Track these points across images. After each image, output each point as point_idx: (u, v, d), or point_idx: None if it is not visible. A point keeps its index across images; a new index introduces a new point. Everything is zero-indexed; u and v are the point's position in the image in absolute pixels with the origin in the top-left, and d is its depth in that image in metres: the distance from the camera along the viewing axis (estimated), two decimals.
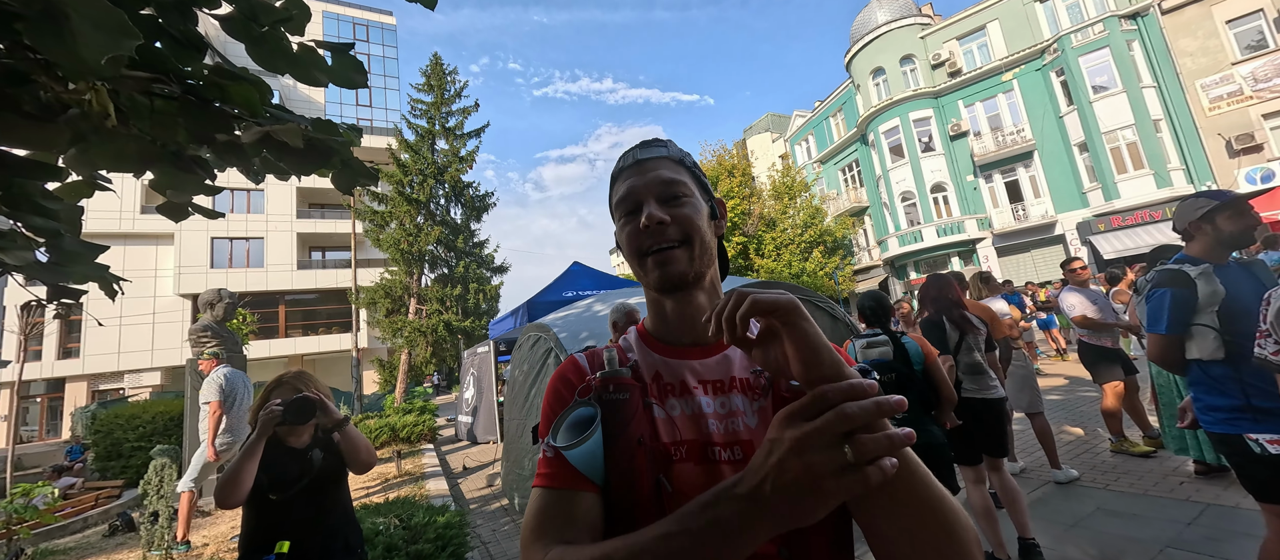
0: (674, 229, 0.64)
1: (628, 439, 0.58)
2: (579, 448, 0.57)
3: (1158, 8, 16.02)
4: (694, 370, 0.64)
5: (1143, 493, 3.26)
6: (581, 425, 0.59)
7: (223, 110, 1.00)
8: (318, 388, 1.88)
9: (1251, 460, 1.71)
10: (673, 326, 0.67)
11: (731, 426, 0.60)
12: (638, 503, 0.56)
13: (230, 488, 1.55)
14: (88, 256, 1.29)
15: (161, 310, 21.16)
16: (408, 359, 15.21)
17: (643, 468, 0.57)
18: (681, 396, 0.63)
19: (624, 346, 0.70)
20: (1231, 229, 1.88)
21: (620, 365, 0.64)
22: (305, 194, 24.49)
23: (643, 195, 0.66)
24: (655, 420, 0.61)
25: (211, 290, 7.15)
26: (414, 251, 15.18)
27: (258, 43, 1.35)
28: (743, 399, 0.62)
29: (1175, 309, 1.88)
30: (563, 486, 0.59)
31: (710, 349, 0.66)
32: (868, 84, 21.30)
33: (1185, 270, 1.90)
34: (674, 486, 0.57)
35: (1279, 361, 1.45)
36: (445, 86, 16.94)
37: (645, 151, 0.70)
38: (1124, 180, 15.95)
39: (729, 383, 0.63)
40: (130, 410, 7.94)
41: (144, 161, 1.06)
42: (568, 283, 8.39)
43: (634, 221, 0.65)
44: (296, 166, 1.13)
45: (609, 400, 0.60)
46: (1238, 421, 1.74)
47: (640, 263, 0.65)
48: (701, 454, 0.59)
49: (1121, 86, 16.04)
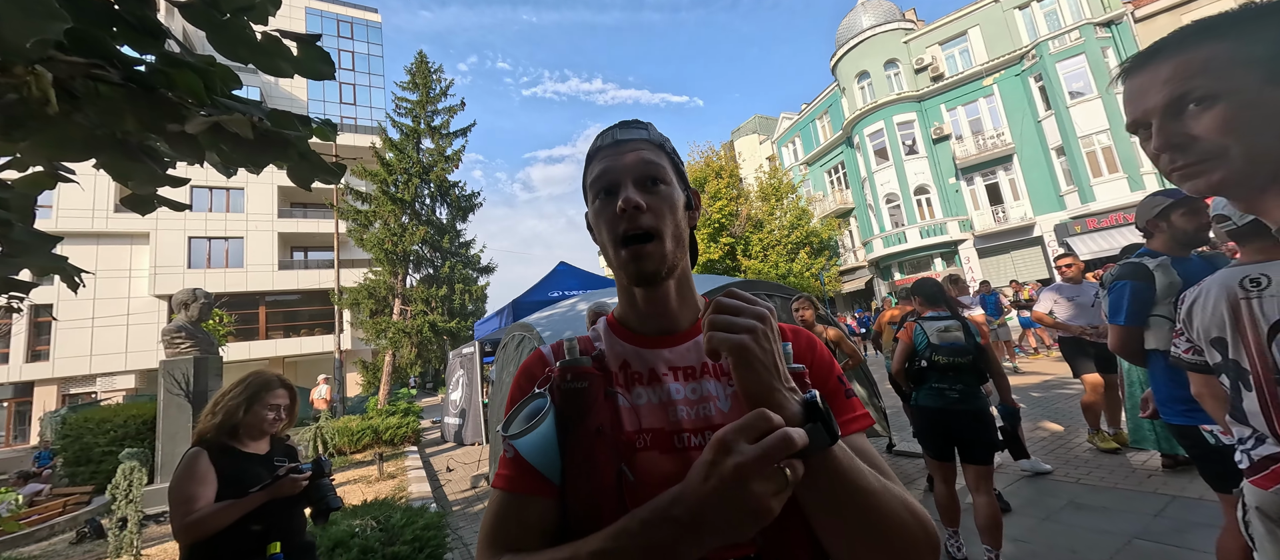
0: (649, 216, 0.62)
1: (585, 429, 0.58)
2: (528, 437, 0.56)
3: (1131, 16, 16.48)
4: (664, 358, 0.64)
5: (1112, 486, 3.34)
6: (533, 416, 0.58)
7: (168, 98, 0.97)
8: (295, 388, 1.86)
9: (1207, 451, 1.76)
10: (643, 315, 0.67)
11: (703, 412, 0.60)
12: (598, 493, 0.55)
13: (205, 528, 1.50)
14: (41, 247, 1.24)
15: (136, 311, 20.58)
16: (392, 360, 15.00)
17: (601, 458, 0.56)
18: (650, 385, 0.62)
19: (592, 337, 0.70)
20: (1185, 226, 1.93)
21: (583, 354, 0.64)
22: (287, 193, 24.05)
23: (620, 177, 0.63)
24: (619, 409, 0.60)
25: (186, 290, 6.99)
26: (399, 251, 14.98)
27: (219, 30, 1.32)
28: (716, 384, 0.62)
29: (1133, 300, 1.94)
30: (518, 491, 0.59)
31: (680, 336, 0.66)
32: (853, 87, 21.58)
33: (1144, 263, 1.96)
34: (637, 476, 0.56)
35: (1190, 360, 1.47)
36: (431, 85, 16.76)
37: (625, 132, 0.67)
38: (1099, 183, 16.37)
39: (701, 369, 0.63)
40: (101, 414, 7.71)
41: (88, 149, 1.02)
42: (554, 283, 8.35)
43: (610, 204, 0.63)
44: (248, 158, 1.10)
45: (567, 390, 0.59)
46: (1195, 413, 1.79)
47: (615, 250, 0.63)
48: (668, 442, 0.59)
49: (1097, 92, 16.46)
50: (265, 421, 1.73)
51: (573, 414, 0.58)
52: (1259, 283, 1.26)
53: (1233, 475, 1.73)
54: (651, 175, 0.63)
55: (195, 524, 1.49)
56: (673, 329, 0.66)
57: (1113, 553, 2.56)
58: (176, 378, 6.25)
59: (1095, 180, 16.43)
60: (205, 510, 1.50)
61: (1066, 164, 17.27)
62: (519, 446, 0.57)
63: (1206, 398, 1.51)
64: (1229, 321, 1.29)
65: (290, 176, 1.20)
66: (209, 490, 1.56)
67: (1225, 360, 1.31)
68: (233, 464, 1.63)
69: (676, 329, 0.66)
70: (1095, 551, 2.59)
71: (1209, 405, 1.51)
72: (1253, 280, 1.27)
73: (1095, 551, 2.59)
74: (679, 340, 0.65)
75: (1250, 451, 1.25)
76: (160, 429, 6.16)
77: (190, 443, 1.69)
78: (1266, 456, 1.20)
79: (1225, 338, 1.30)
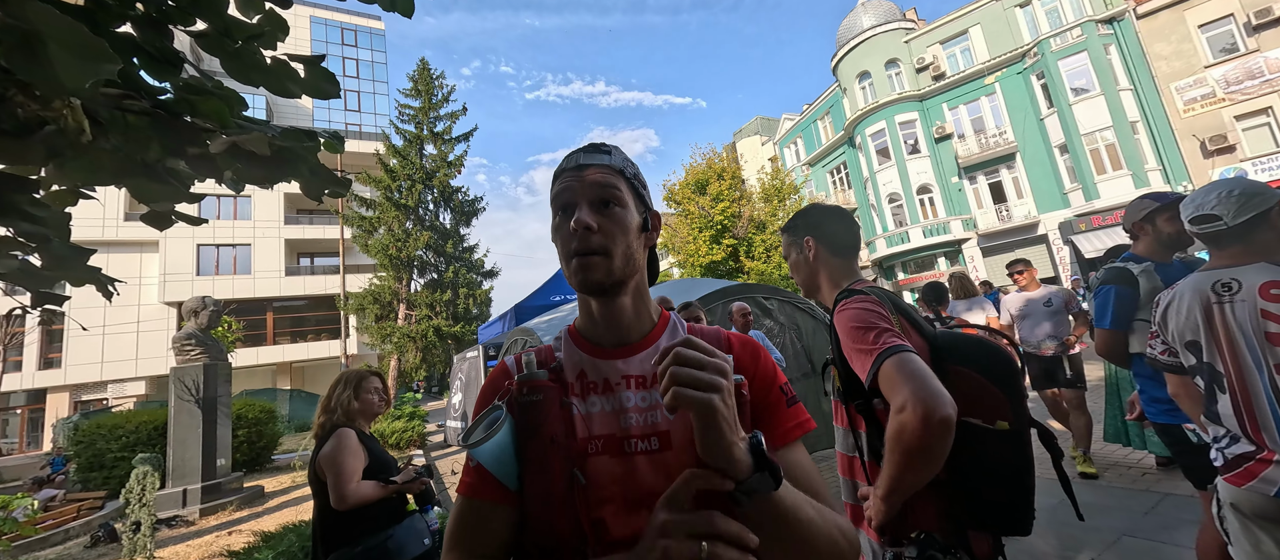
0: (598, 237, 0.65)
1: (540, 440, 0.62)
2: (485, 446, 0.62)
3: (1133, 12, 16.42)
4: (617, 368, 0.68)
5: (1106, 485, 3.37)
6: (490, 426, 0.63)
7: (193, 124, 1.05)
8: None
9: (1189, 449, 1.80)
10: (599, 327, 0.71)
11: (651, 419, 0.65)
12: (552, 497, 0.60)
13: (360, 501, 1.84)
14: (78, 260, 1.33)
15: (146, 318, 20.86)
16: (397, 365, 15.13)
17: (555, 464, 0.61)
18: (604, 393, 0.67)
19: (553, 347, 0.75)
20: (1169, 230, 1.97)
21: (542, 366, 0.69)
22: (293, 200, 24.31)
23: (577, 197, 0.67)
24: (573, 418, 0.65)
25: (195, 298, 7.13)
26: (403, 257, 15.12)
27: (232, 58, 1.41)
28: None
29: (1119, 305, 1.97)
30: (478, 497, 0.65)
31: (635, 347, 0.70)
32: (854, 87, 21.59)
33: (1129, 268, 1.99)
34: (588, 479, 0.61)
35: (1166, 361, 1.52)
36: (433, 91, 16.93)
37: (588, 157, 0.71)
38: (1103, 181, 16.30)
39: (653, 378, 0.66)
40: (113, 420, 7.85)
41: (119, 175, 1.11)
42: (556, 287, 8.44)
43: (566, 221, 0.67)
44: (265, 175, 1.18)
45: (524, 403, 0.63)
46: (1177, 412, 1.83)
47: (566, 263, 0.68)
48: (618, 446, 0.63)
49: (1099, 89, 16.41)
50: (372, 406, 2.08)
51: (529, 425, 0.63)
52: (1230, 287, 1.31)
53: (1201, 473, 1.79)
54: (605, 198, 0.67)
55: (354, 497, 1.81)
56: (627, 340, 0.70)
57: (1103, 549, 2.60)
58: (187, 384, 6.38)
59: (1099, 177, 16.36)
60: (364, 490, 1.84)
61: (1070, 161, 17.21)
62: (476, 455, 0.63)
63: (1182, 398, 1.55)
64: (1203, 325, 1.34)
65: (303, 190, 1.28)
66: (360, 462, 1.89)
67: (1200, 363, 1.37)
68: (365, 441, 1.99)
69: (631, 340, 0.70)
70: (1086, 548, 2.64)
71: (1185, 405, 1.56)
72: (1224, 285, 1.33)
73: (1086, 548, 2.64)
74: (634, 350, 0.70)
75: (1225, 450, 1.31)
76: (171, 435, 6.28)
77: (321, 432, 2.03)
78: (1239, 455, 1.26)
79: (1200, 341, 1.35)
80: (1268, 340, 1.22)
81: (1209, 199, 1.36)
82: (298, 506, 6.11)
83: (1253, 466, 1.21)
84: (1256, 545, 1.22)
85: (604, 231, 0.66)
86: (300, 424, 14.37)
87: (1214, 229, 1.36)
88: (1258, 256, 1.30)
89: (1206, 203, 1.36)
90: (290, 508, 6.09)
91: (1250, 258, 1.31)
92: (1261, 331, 1.23)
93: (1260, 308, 1.24)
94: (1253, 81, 14.69)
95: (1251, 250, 1.31)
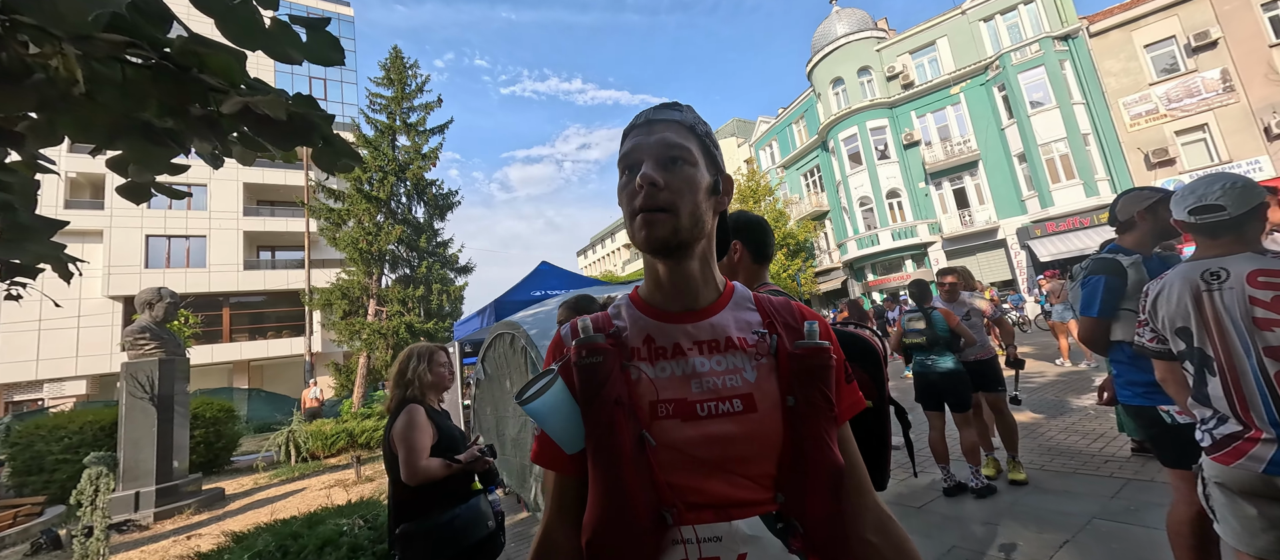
0: (665, 194, 0.64)
1: (604, 399, 0.61)
2: (536, 403, 0.61)
3: (1086, 31, 17.40)
4: (687, 333, 0.67)
5: (1072, 472, 3.56)
6: (540, 383, 0.63)
7: (200, 80, 0.97)
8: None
9: (1163, 430, 1.91)
10: (666, 291, 0.69)
11: (729, 383, 0.63)
12: (620, 457, 0.59)
13: (428, 478, 1.88)
14: (44, 232, 1.21)
15: (88, 313, 19.49)
16: (366, 362, 14.62)
17: (622, 425, 0.60)
18: (674, 358, 0.66)
19: (611, 314, 0.73)
20: (1165, 218, 2.04)
21: (598, 332, 0.67)
22: (253, 190, 23.18)
23: (644, 155, 0.66)
24: (638, 380, 0.64)
25: (150, 289, 6.71)
26: (374, 251, 14.63)
27: (227, 17, 1.31)
28: (742, 357, 0.65)
29: (1108, 294, 2.04)
30: (544, 464, 0.66)
31: (702, 312, 0.69)
32: (828, 93, 22.12)
33: (1119, 259, 2.06)
34: (658, 442, 0.60)
35: (1154, 348, 1.60)
36: (406, 81, 16.43)
37: (658, 113, 0.70)
38: (1058, 189, 17.22)
39: (725, 343, 0.66)
40: (53, 421, 7.32)
41: (113, 133, 1.01)
42: (536, 282, 8.30)
43: (632, 180, 0.66)
44: (276, 142, 1.10)
45: (583, 365, 0.63)
46: (1153, 394, 1.93)
47: (630, 221, 0.66)
48: (690, 410, 0.62)
49: (1055, 102, 17.33)
50: (443, 379, 2.11)
51: (592, 386, 0.62)
52: (1218, 275, 1.39)
53: (1188, 452, 1.89)
54: (673, 156, 0.66)
55: (423, 473, 1.86)
56: (694, 305, 0.69)
57: (1075, 532, 2.74)
58: (140, 381, 5.99)
59: (1054, 186, 17.27)
60: (432, 466, 1.88)
61: (1027, 170, 18.10)
62: (529, 412, 0.62)
63: (1169, 382, 1.63)
64: (1193, 312, 1.42)
65: (315, 161, 1.20)
66: (428, 438, 1.93)
67: (1190, 348, 1.44)
68: (435, 416, 2.02)
69: (698, 306, 0.69)
70: (1058, 531, 2.77)
71: (1171, 389, 1.63)
72: (1212, 274, 1.40)
73: (1058, 531, 2.77)
74: (701, 316, 0.68)
75: (1213, 431, 1.38)
76: (123, 435, 5.89)
77: (395, 405, 2.05)
78: (1228, 435, 1.33)
79: (1190, 327, 1.43)
80: (1255, 325, 1.29)
81: (1213, 191, 1.41)
82: (262, 509, 5.82)
83: (1241, 445, 1.29)
84: (1240, 514, 1.30)
85: (670, 188, 0.64)
86: (260, 424, 13.70)
87: (1215, 219, 1.41)
88: (1245, 247, 1.39)
89: (1209, 194, 1.42)
90: (254, 510, 5.80)
91: (1239, 248, 1.39)
92: (1249, 317, 1.30)
93: (1248, 295, 1.32)
94: (1191, 99, 15.80)
95: (1242, 241, 1.40)
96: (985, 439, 3.77)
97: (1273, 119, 14.41)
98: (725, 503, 0.59)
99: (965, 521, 3.06)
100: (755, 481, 0.60)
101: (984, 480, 3.44)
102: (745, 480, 0.60)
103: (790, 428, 0.61)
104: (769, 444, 0.61)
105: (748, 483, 0.60)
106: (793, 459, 0.61)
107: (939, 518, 3.18)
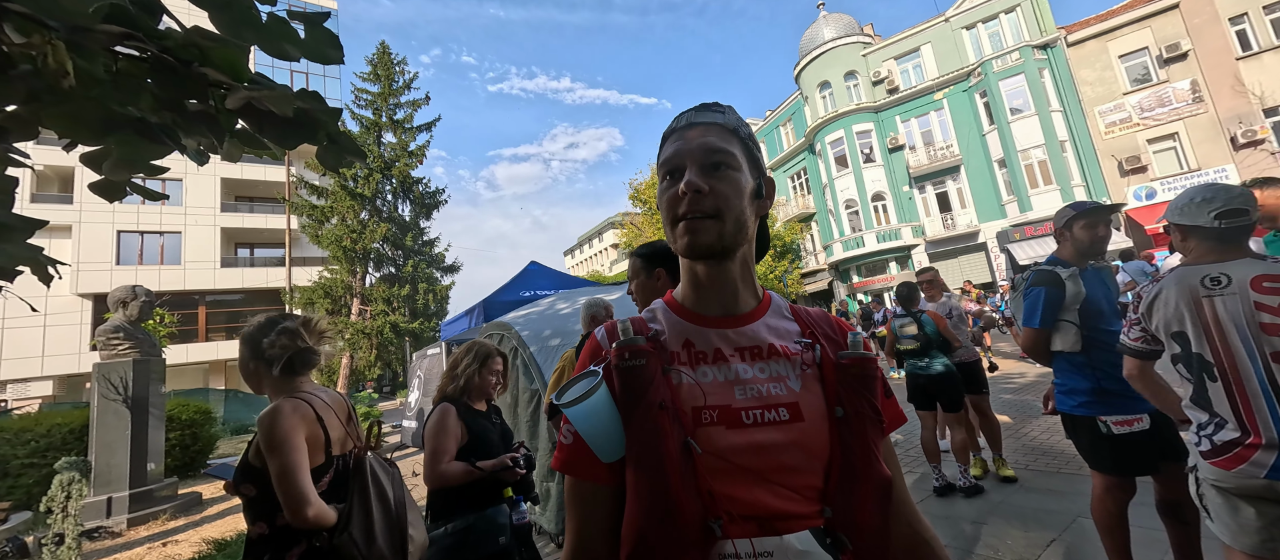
0: (709, 200, 0.62)
1: (648, 403, 0.59)
2: (579, 406, 0.59)
3: (1064, 40, 17.88)
4: (727, 338, 0.65)
5: (1056, 471, 3.65)
6: (585, 386, 0.60)
7: (201, 74, 0.92)
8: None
9: (1098, 438, 1.98)
10: (706, 295, 0.68)
11: (773, 391, 0.62)
12: (666, 463, 0.56)
13: (451, 482, 1.84)
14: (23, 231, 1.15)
15: (55, 311, 18.76)
16: (350, 362, 14.36)
17: (667, 429, 0.58)
18: (716, 363, 0.64)
19: (646, 317, 0.71)
20: (1083, 237, 2.11)
21: (638, 334, 0.65)
22: (231, 186, 22.57)
23: (686, 160, 0.64)
24: (679, 386, 0.62)
25: (124, 287, 6.47)
26: (358, 249, 14.37)
27: (222, 10, 1.26)
28: (785, 365, 0.64)
29: (1047, 306, 2.08)
30: (573, 475, 0.63)
31: (742, 318, 0.67)
32: (815, 96, 22.37)
33: (1057, 271, 2.11)
34: (703, 449, 0.58)
35: (1136, 346, 1.63)
36: (393, 77, 16.20)
37: (700, 116, 0.68)
38: (1036, 194, 17.67)
39: (767, 350, 0.64)
40: (18, 424, 7.00)
41: (104, 129, 0.95)
42: (525, 282, 8.23)
43: (674, 186, 0.64)
44: (278, 139, 1.06)
45: (624, 368, 0.61)
46: (1092, 405, 2.01)
47: (672, 227, 0.64)
48: (735, 418, 0.60)
49: (1034, 109, 17.78)
50: (489, 386, 2.08)
51: (635, 390, 0.60)
52: (1219, 281, 1.40)
53: (1120, 461, 1.97)
54: (716, 161, 0.64)
55: (444, 477, 1.82)
56: (734, 311, 0.67)
57: (1061, 530, 2.80)
58: (113, 382, 5.78)
59: (1032, 191, 17.72)
60: (451, 471, 1.84)
61: (1007, 175, 18.54)
62: (571, 414, 0.60)
63: (1136, 380, 1.68)
64: (1191, 317, 1.43)
65: (320, 159, 1.16)
66: (454, 442, 1.89)
67: (1187, 353, 1.45)
68: (471, 418, 1.97)
69: (738, 311, 0.67)
70: (1045, 529, 2.83)
71: (1138, 386, 1.68)
72: (1213, 279, 1.42)
73: (1045, 529, 2.83)
74: (741, 322, 0.67)
75: (1212, 436, 1.39)
76: (94, 437, 5.67)
77: (438, 397, 2.01)
78: (1228, 441, 1.34)
79: (1187, 332, 1.45)
80: (1262, 330, 1.31)
81: (1235, 197, 1.41)
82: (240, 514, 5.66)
83: (1242, 451, 1.30)
84: (1235, 514, 1.33)
85: (715, 194, 0.62)
86: (238, 426, 13.34)
87: (1242, 223, 1.41)
88: (1244, 253, 1.42)
89: (1233, 199, 1.41)
90: (233, 515, 5.64)
91: (1240, 253, 1.42)
92: (1255, 322, 1.32)
93: (1254, 300, 1.33)
94: (1162, 109, 16.34)
95: (1243, 246, 1.43)
96: (973, 439, 3.87)
97: (1239, 129, 14.99)
98: (770, 514, 0.57)
99: (956, 520, 3.11)
100: (799, 493, 0.58)
101: (971, 480, 3.51)
102: (789, 491, 0.58)
103: (839, 439, 0.60)
104: (816, 454, 0.60)
105: (792, 494, 0.58)
106: (841, 471, 0.59)
107: (930, 517, 3.18)
